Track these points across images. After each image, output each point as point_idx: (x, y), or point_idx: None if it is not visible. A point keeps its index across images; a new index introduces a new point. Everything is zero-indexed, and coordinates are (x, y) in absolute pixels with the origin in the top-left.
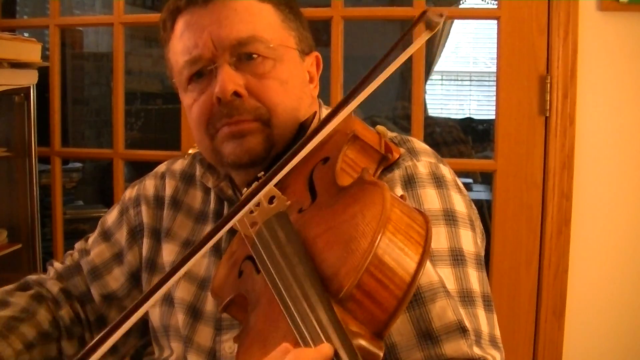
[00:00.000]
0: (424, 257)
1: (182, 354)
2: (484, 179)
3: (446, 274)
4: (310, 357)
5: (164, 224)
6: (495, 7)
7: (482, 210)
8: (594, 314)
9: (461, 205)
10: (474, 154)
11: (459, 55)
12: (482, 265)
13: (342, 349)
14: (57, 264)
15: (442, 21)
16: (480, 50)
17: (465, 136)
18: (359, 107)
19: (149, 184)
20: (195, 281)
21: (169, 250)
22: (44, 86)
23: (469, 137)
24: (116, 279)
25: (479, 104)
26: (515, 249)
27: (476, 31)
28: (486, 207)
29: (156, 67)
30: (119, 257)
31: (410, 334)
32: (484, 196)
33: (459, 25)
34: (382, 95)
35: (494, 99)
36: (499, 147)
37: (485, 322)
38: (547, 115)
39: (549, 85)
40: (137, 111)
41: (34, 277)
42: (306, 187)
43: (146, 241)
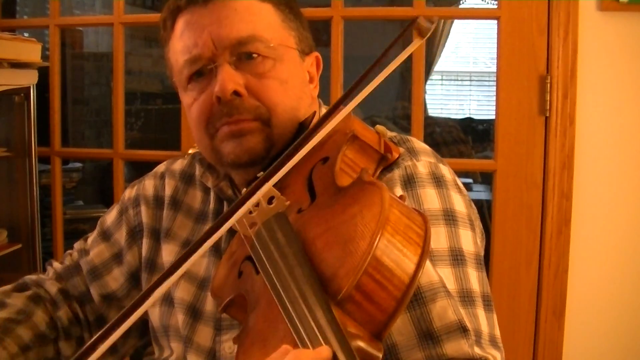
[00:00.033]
0: (422, 258)
1: (182, 354)
2: (484, 179)
3: (446, 274)
4: (308, 359)
5: (163, 224)
6: (495, 7)
7: (482, 210)
8: (594, 314)
9: (461, 205)
10: (474, 154)
11: (459, 55)
12: (482, 265)
13: (341, 351)
14: (56, 264)
15: (433, 27)
16: (480, 50)
17: (465, 136)
18: (359, 107)
19: (148, 184)
20: (195, 281)
21: (168, 250)
22: (44, 86)
23: (469, 137)
24: (115, 279)
25: (479, 104)
26: (515, 249)
27: (476, 31)
28: (486, 207)
29: (156, 67)
30: (118, 257)
31: (410, 334)
32: (484, 196)
33: (459, 25)
34: (382, 95)
35: (494, 99)
36: (499, 147)
37: (485, 321)
38: (547, 115)
39: (549, 85)
40: (137, 111)
41: (32, 277)
42: (305, 187)
43: (146, 241)
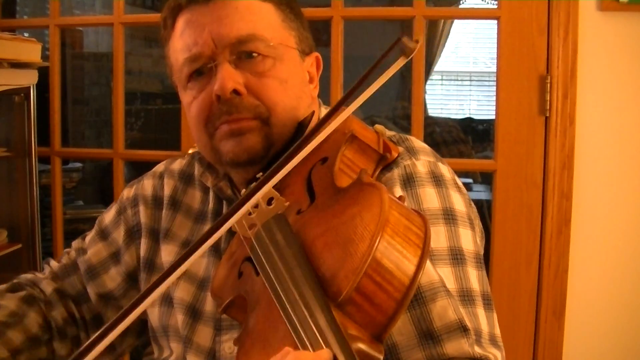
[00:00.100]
0: (422, 259)
1: (181, 354)
2: (484, 179)
3: (446, 274)
4: None
5: (162, 224)
6: (495, 7)
7: (482, 210)
8: (594, 314)
9: (460, 204)
10: (474, 154)
11: (459, 55)
12: (482, 264)
13: (341, 353)
14: (54, 263)
15: (418, 47)
16: (480, 50)
17: (465, 136)
18: (359, 106)
19: (147, 184)
20: (194, 281)
21: (168, 250)
22: (44, 86)
23: (469, 137)
24: (113, 279)
25: (479, 104)
26: (515, 249)
27: (476, 31)
28: (486, 207)
29: (156, 67)
30: (115, 256)
31: (411, 333)
32: (484, 196)
33: (459, 25)
34: (382, 95)
35: (494, 99)
36: (499, 147)
37: (485, 321)
38: (547, 115)
39: (549, 85)
40: (137, 111)
41: (27, 277)
42: (304, 188)
43: (144, 241)
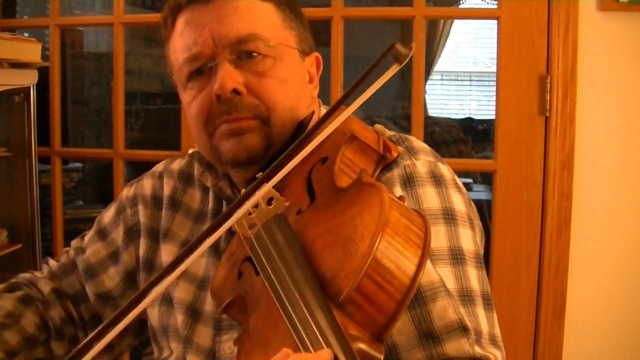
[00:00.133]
0: (423, 259)
1: (181, 355)
2: (484, 179)
3: (446, 273)
4: None
5: (162, 224)
6: (495, 7)
7: (482, 210)
8: (594, 314)
9: (460, 204)
10: (474, 154)
11: (459, 55)
12: (482, 264)
13: (342, 353)
14: (52, 262)
15: (411, 54)
16: (480, 50)
17: (465, 136)
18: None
19: (146, 184)
20: (194, 281)
21: (167, 250)
22: (44, 86)
23: (469, 137)
24: (111, 278)
25: (479, 104)
26: (515, 249)
27: (476, 31)
28: (486, 207)
29: (156, 67)
30: (114, 256)
31: (411, 333)
32: (484, 196)
33: (459, 25)
34: (382, 95)
35: (494, 99)
36: (499, 147)
37: (485, 321)
38: (547, 115)
39: (549, 85)
40: (137, 111)
41: (25, 276)
42: (304, 187)
43: (143, 241)
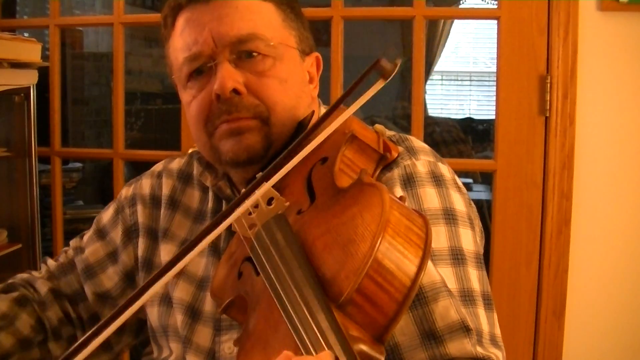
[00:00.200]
0: (424, 260)
1: (181, 355)
2: (484, 179)
3: (446, 274)
4: None
5: (161, 223)
6: (495, 7)
7: (482, 210)
8: (594, 314)
9: (460, 203)
10: (474, 154)
11: (459, 55)
12: (482, 263)
13: (343, 355)
14: (51, 262)
15: (396, 69)
16: (480, 50)
17: (465, 136)
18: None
19: (145, 183)
20: (193, 281)
21: (167, 250)
22: (44, 86)
23: (469, 137)
24: (110, 278)
25: (479, 104)
26: (515, 249)
27: (476, 31)
28: (486, 207)
29: (156, 67)
30: (113, 256)
31: (413, 334)
32: (484, 196)
33: (459, 25)
34: (382, 95)
35: (494, 99)
36: (499, 147)
37: (485, 321)
38: (547, 115)
39: (549, 85)
40: (137, 111)
41: (23, 276)
42: (305, 188)
43: (142, 241)
